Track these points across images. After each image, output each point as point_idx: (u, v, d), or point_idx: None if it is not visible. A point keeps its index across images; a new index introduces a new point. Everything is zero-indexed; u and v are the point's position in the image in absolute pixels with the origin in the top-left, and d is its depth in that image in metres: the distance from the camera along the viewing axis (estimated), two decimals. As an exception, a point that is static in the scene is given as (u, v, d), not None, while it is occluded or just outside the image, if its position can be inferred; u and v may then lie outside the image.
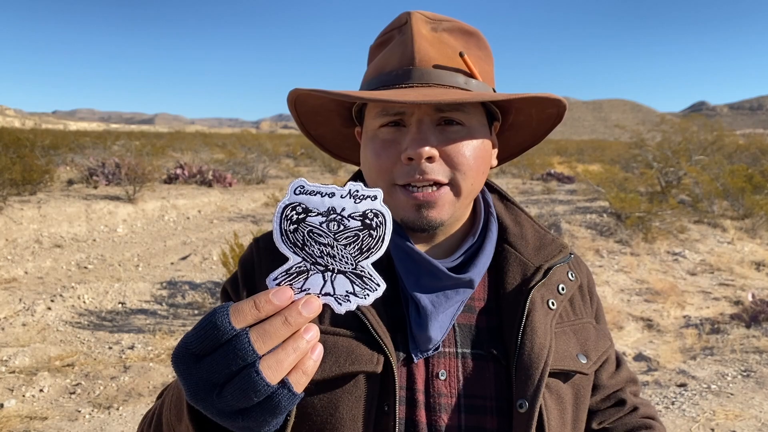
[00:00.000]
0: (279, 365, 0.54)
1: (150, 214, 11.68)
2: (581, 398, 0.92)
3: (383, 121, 0.86)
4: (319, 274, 0.61)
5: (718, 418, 3.91)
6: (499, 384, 0.86)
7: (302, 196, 0.61)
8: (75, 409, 4.21)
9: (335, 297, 0.61)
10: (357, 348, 0.82)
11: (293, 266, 0.61)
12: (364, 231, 0.61)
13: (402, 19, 0.89)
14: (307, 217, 0.61)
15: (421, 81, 0.84)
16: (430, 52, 0.85)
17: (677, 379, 4.67)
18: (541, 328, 0.86)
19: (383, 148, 0.85)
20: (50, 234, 9.64)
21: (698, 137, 15.39)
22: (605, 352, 0.96)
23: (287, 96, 0.91)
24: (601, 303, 1.07)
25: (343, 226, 0.61)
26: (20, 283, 7.28)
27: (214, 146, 27.83)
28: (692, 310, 6.65)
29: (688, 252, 9.20)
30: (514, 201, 1.03)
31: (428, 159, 0.82)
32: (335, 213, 0.61)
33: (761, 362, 4.85)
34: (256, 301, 0.56)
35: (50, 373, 4.73)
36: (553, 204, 13.79)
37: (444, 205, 0.85)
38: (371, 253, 0.61)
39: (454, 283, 0.87)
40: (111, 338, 5.56)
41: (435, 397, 0.84)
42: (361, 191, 0.61)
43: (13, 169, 10.52)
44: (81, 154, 18.07)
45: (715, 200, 11.91)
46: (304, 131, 1.01)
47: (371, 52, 0.95)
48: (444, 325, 0.86)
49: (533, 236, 0.97)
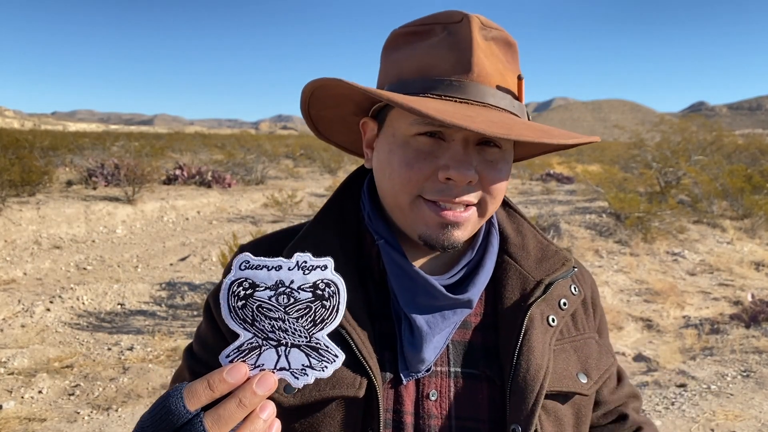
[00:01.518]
0: None
1: (149, 215, 11.67)
2: (582, 418, 0.88)
3: (421, 129, 0.77)
4: (273, 349, 0.59)
5: (717, 419, 3.90)
6: (493, 406, 0.81)
7: (248, 271, 0.59)
8: (74, 410, 4.21)
9: (291, 371, 0.59)
10: (339, 371, 0.74)
11: (245, 342, 0.59)
12: (316, 302, 0.59)
13: (455, 17, 0.80)
14: (254, 293, 0.59)
15: (477, 99, 0.76)
16: (487, 67, 0.78)
17: (677, 379, 4.67)
18: (539, 348, 0.82)
19: (417, 159, 0.77)
20: (49, 235, 9.63)
21: (697, 137, 15.40)
22: (607, 370, 0.91)
23: (321, 79, 0.80)
24: (604, 313, 1.03)
25: (294, 299, 0.59)
26: (19, 284, 7.27)
27: (213, 147, 27.84)
28: (692, 311, 6.65)
29: (687, 252, 9.20)
30: (517, 208, 0.97)
31: (468, 183, 0.77)
32: (284, 286, 0.58)
33: (761, 362, 4.85)
34: (210, 381, 0.55)
35: (49, 375, 4.72)
36: (552, 204, 13.79)
37: (468, 226, 0.80)
38: (326, 323, 0.59)
39: (452, 303, 0.82)
40: (110, 339, 5.55)
41: (425, 418, 0.80)
42: (309, 262, 0.59)
43: (12, 170, 10.51)
44: (80, 155, 18.07)
45: (714, 200, 11.92)
46: (303, 110, 0.91)
47: (397, 38, 0.85)
48: (438, 345, 0.82)
49: (535, 247, 0.91)
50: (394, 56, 0.84)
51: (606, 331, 1.00)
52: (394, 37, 0.85)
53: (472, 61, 0.77)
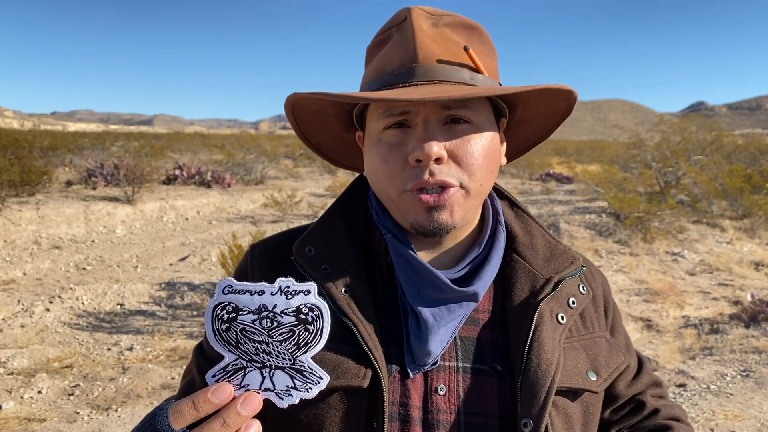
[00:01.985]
0: None
1: (149, 215, 11.67)
2: (591, 416, 0.87)
3: (387, 122, 0.81)
4: (257, 371, 0.60)
5: (717, 419, 3.90)
6: (502, 401, 0.81)
7: (231, 296, 0.59)
8: (73, 410, 4.21)
9: (276, 392, 0.60)
10: (344, 362, 0.78)
11: (230, 363, 0.60)
12: (300, 326, 0.60)
13: (401, 16, 0.85)
14: (238, 316, 0.59)
15: (425, 78, 0.80)
16: (433, 48, 0.81)
17: (676, 379, 4.67)
18: (549, 344, 0.82)
19: (389, 152, 0.81)
20: (49, 235, 9.63)
21: (697, 137, 15.40)
22: (617, 368, 0.91)
23: (285, 101, 0.87)
24: (620, 313, 1.01)
25: (277, 323, 0.59)
26: (19, 284, 7.27)
27: (212, 147, 27.83)
28: (691, 311, 6.65)
29: (687, 252, 9.21)
30: (525, 209, 0.98)
31: (437, 160, 0.78)
32: (267, 310, 0.59)
33: (760, 362, 4.85)
34: (195, 401, 0.55)
35: (49, 375, 4.72)
36: (552, 204, 13.80)
37: (454, 206, 0.80)
38: (309, 347, 0.60)
39: (458, 296, 0.83)
40: (110, 339, 5.55)
41: (433, 413, 0.80)
42: (292, 287, 0.59)
43: (11, 171, 10.51)
44: (80, 155, 18.06)
45: (714, 200, 11.92)
46: (302, 138, 0.96)
47: (369, 53, 0.90)
48: (444, 338, 0.82)
49: (544, 246, 0.92)
50: (366, 67, 0.90)
51: (620, 328, 0.99)
52: (367, 51, 0.91)
53: (416, 46, 0.80)
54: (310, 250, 0.86)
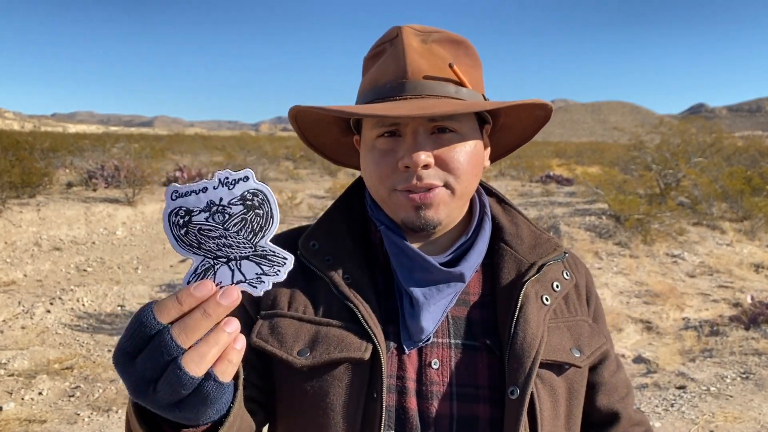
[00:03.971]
0: (202, 359, 0.57)
1: (149, 216, 11.68)
2: (575, 392, 0.94)
3: (380, 131, 0.90)
4: (225, 266, 0.62)
5: (717, 420, 3.91)
6: (492, 373, 0.89)
7: (179, 200, 0.62)
8: (74, 412, 4.21)
9: (248, 282, 0.62)
10: (347, 337, 0.86)
11: (198, 266, 0.62)
12: (249, 212, 0.62)
13: (393, 33, 0.94)
14: (191, 218, 0.62)
15: (414, 93, 0.89)
16: (422, 64, 0.90)
17: (676, 381, 4.67)
18: (534, 320, 0.89)
19: (381, 158, 0.90)
20: (49, 237, 9.64)
21: (697, 139, 15.40)
22: (599, 348, 0.98)
23: (288, 111, 0.97)
24: (602, 306, 1.08)
25: (228, 215, 0.61)
26: (19, 285, 7.28)
27: (213, 149, 27.84)
28: (691, 312, 6.66)
29: (687, 254, 9.21)
30: (512, 203, 1.07)
31: (424, 166, 0.87)
32: (215, 205, 0.62)
33: (760, 364, 4.86)
34: (178, 296, 0.58)
35: (49, 376, 4.72)
36: (552, 206, 13.80)
37: (439, 205, 0.89)
38: (265, 230, 0.62)
39: (446, 276, 0.92)
40: (110, 341, 5.55)
41: (427, 385, 0.88)
42: (230, 176, 0.61)
43: (12, 172, 10.52)
44: (80, 157, 18.07)
45: (714, 202, 11.92)
46: (305, 142, 1.07)
47: (365, 64, 0.99)
48: (436, 316, 0.90)
49: (529, 236, 1.01)
50: (362, 78, 0.99)
51: (602, 320, 1.06)
52: (364, 62, 1.00)
53: (406, 63, 0.89)
54: (314, 244, 0.96)
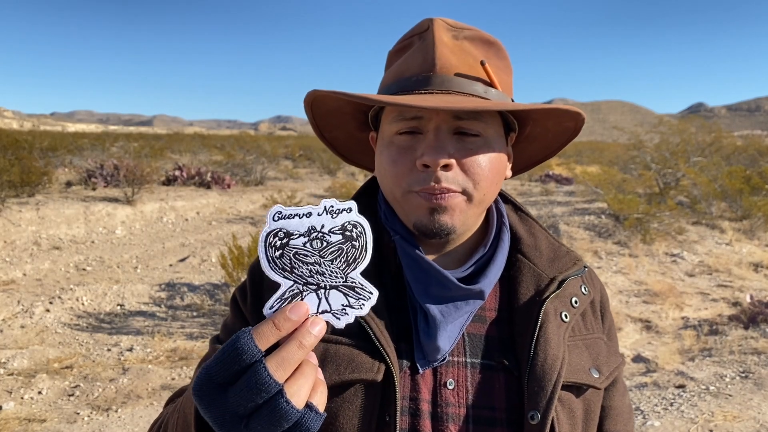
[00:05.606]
0: (301, 390, 0.57)
1: (148, 215, 11.67)
2: (591, 414, 0.90)
3: (400, 127, 0.85)
4: (313, 294, 0.63)
5: (716, 420, 3.91)
6: (510, 395, 0.84)
7: (281, 221, 0.62)
8: (74, 411, 4.21)
9: (332, 312, 0.63)
10: (358, 356, 0.81)
11: (286, 290, 0.62)
12: (347, 243, 0.63)
13: (423, 26, 0.88)
14: (290, 241, 0.62)
15: (441, 88, 0.83)
16: (452, 60, 0.84)
17: (676, 380, 4.68)
18: (555, 340, 0.85)
19: (399, 155, 0.84)
20: (49, 236, 9.63)
21: (696, 139, 15.42)
22: (617, 368, 0.94)
23: (305, 97, 0.91)
24: (614, 322, 1.04)
25: (326, 243, 0.62)
26: (19, 285, 7.27)
27: (212, 148, 27.81)
28: (691, 312, 6.66)
29: (686, 253, 9.22)
30: (529, 212, 1.01)
31: (444, 167, 0.81)
32: (316, 231, 0.62)
33: (759, 363, 4.86)
34: (275, 321, 0.57)
35: (49, 376, 4.72)
36: (551, 206, 13.80)
37: (455, 210, 0.83)
38: (358, 262, 0.63)
39: (464, 293, 0.86)
40: (110, 340, 5.55)
41: (442, 406, 0.83)
42: (336, 206, 0.63)
43: (11, 171, 10.52)
44: (79, 156, 18.06)
45: (713, 202, 11.93)
46: (318, 133, 1.00)
47: (390, 58, 0.94)
48: (453, 335, 0.85)
49: (547, 248, 0.95)
50: (386, 72, 0.93)
51: (615, 338, 1.02)
52: (388, 56, 0.95)
53: (435, 56, 0.84)
54: None
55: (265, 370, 0.55)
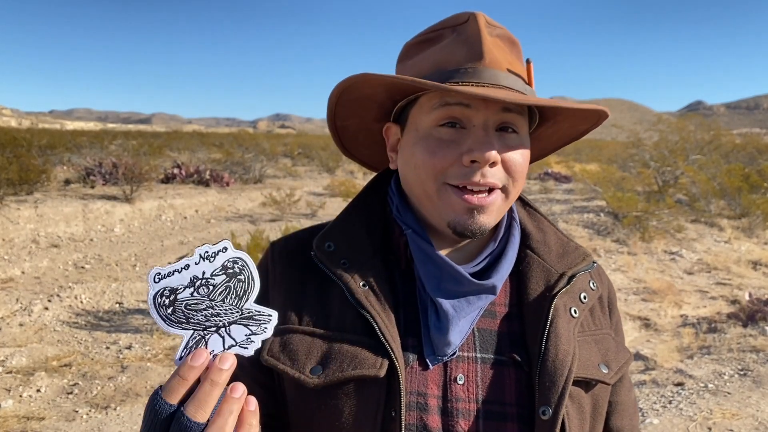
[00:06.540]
0: (225, 426, 0.60)
1: (147, 213, 11.66)
2: (599, 409, 0.90)
3: (440, 115, 0.83)
4: (215, 335, 0.65)
5: (715, 417, 3.92)
6: (521, 390, 0.84)
7: (163, 281, 0.64)
8: (72, 409, 4.21)
9: (239, 345, 0.65)
10: (361, 352, 0.81)
11: (189, 339, 0.65)
12: (232, 280, 0.65)
13: (461, 18, 0.87)
14: (177, 296, 0.64)
15: (491, 81, 0.82)
16: (497, 55, 0.84)
17: (674, 378, 4.68)
18: (565, 335, 0.85)
19: (440, 147, 0.82)
20: (47, 234, 9.62)
21: (695, 137, 15.43)
22: (625, 363, 0.94)
23: (347, 79, 0.85)
24: (621, 317, 1.04)
25: (212, 286, 0.65)
26: (17, 283, 7.27)
27: (211, 146, 27.78)
28: (689, 310, 6.67)
29: (685, 251, 9.23)
30: (538, 208, 1.02)
31: (491, 164, 0.81)
32: (199, 279, 0.64)
33: (758, 361, 4.87)
34: (179, 373, 0.60)
35: (47, 374, 4.72)
36: (550, 203, 13.81)
37: (494, 210, 0.84)
38: (248, 293, 0.66)
39: (477, 288, 0.86)
40: (108, 338, 5.55)
41: (452, 402, 0.82)
42: (210, 250, 0.65)
43: (9, 169, 10.50)
44: (78, 154, 18.05)
45: (712, 200, 11.94)
46: (330, 119, 0.95)
47: (409, 49, 0.91)
48: (464, 330, 0.85)
49: (556, 243, 0.95)
50: (408, 63, 0.90)
51: (622, 333, 1.02)
52: (407, 48, 0.92)
53: (483, 50, 0.83)
54: (330, 246, 0.89)
55: (183, 416, 0.58)
